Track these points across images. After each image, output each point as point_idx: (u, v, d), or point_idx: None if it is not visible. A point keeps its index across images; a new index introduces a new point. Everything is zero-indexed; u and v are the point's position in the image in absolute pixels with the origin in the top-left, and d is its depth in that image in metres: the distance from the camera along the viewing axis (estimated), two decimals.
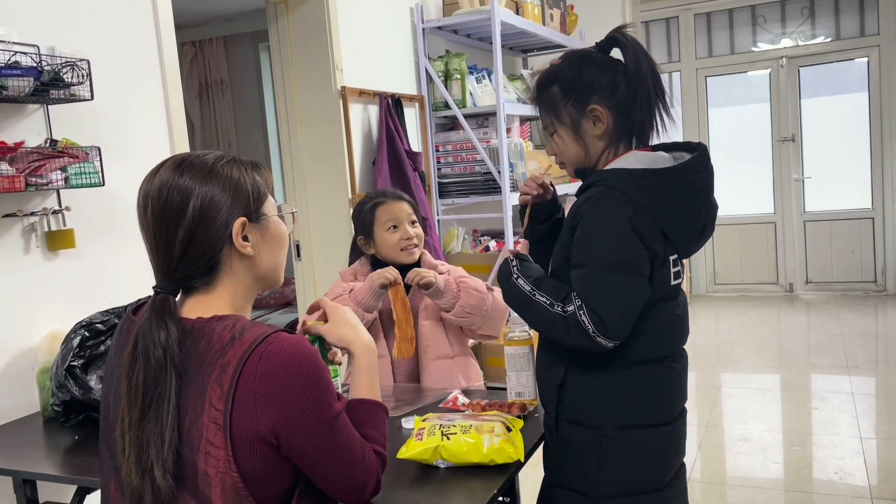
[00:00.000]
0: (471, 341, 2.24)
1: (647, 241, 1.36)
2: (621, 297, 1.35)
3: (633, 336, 1.38)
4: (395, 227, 2.07)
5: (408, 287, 2.06)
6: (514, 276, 1.46)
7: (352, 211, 2.19)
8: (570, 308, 1.36)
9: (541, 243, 1.67)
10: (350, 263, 2.21)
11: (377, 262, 2.12)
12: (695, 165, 1.41)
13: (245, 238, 1.13)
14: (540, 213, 1.66)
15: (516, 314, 1.78)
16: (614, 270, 1.34)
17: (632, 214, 1.35)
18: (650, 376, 1.43)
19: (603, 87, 1.43)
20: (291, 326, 1.35)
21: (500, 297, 2.11)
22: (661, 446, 1.46)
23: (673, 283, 1.43)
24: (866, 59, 6.02)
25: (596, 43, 1.47)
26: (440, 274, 2.07)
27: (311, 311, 1.42)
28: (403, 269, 2.09)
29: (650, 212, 1.36)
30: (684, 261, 1.51)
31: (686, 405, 1.54)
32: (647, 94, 1.41)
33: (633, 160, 1.41)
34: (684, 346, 1.53)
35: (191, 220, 1.08)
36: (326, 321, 1.37)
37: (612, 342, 1.35)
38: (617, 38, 1.43)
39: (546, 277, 1.47)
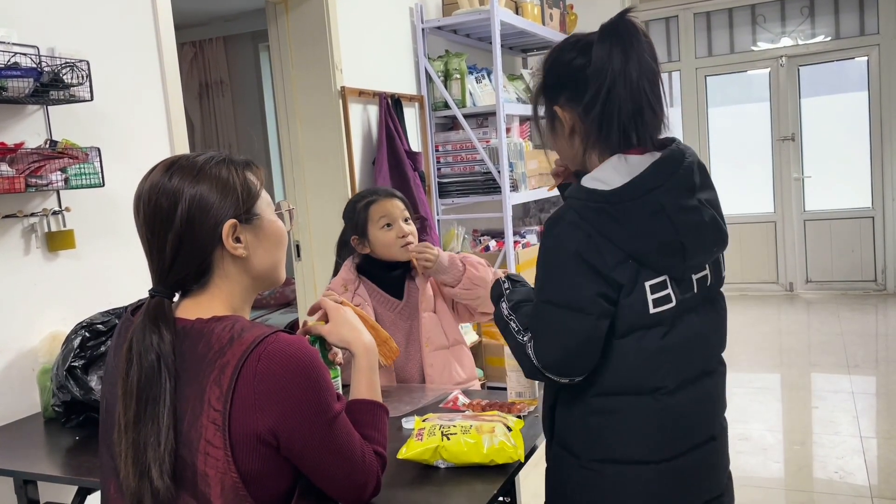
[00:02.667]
0: (468, 341, 2.25)
1: (602, 271, 1.22)
2: (561, 333, 1.24)
3: (603, 367, 1.27)
4: (389, 224, 2.07)
5: (398, 285, 2.08)
6: (502, 298, 1.41)
7: (343, 210, 2.18)
8: (525, 338, 1.31)
9: None
10: (336, 264, 2.21)
11: (371, 261, 2.11)
12: (646, 181, 1.23)
13: (237, 239, 1.12)
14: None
15: None
16: (556, 305, 1.25)
17: (582, 242, 1.22)
18: (634, 409, 1.28)
19: (571, 85, 1.29)
20: (291, 327, 1.35)
21: (499, 273, 2.14)
22: (655, 485, 1.29)
23: (654, 310, 1.25)
24: (866, 58, 6.01)
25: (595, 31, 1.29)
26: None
27: (313, 311, 1.42)
28: (398, 266, 2.10)
29: (606, 235, 1.22)
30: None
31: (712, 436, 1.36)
32: (620, 97, 1.23)
33: (609, 169, 1.25)
34: (709, 372, 1.35)
35: (179, 224, 1.08)
36: (327, 322, 1.37)
37: (563, 377, 1.27)
38: (600, 29, 1.26)
39: (526, 302, 1.37)
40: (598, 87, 1.24)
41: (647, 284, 1.25)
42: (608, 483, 1.30)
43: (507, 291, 1.41)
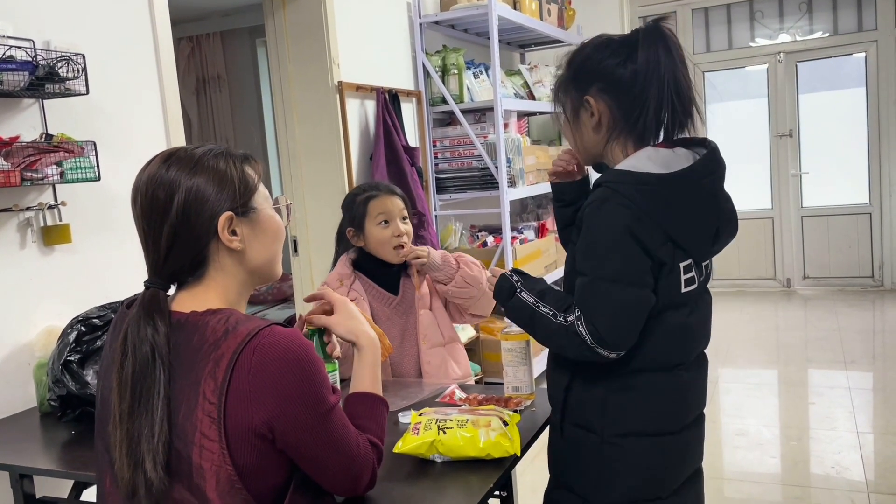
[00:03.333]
0: (465, 337, 2.26)
1: (650, 249, 1.29)
2: (618, 307, 1.29)
3: (636, 344, 1.34)
4: (386, 221, 2.06)
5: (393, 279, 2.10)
6: (518, 290, 1.42)
7: (343, 200, 2.18)
8: (571, 318, 1.32)
9: (567, 229, 1.62)
10: (336, 253, 2.21)
11: (367, 256, 2.11)
12: (701, 169, 1.33)
13: (233, 232, 1.12)
14: (567, 194, 1.60)
15: None
16: (612, 280, 1.29)
17: (632, 221, 1.28)
18: (656, 385, 1.38)
19: (604, 79, 1.35)
20: (289, 322, 1.35)
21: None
22: (667, 455, 1.40)
23: (684, 290, 1.36)
24: (864, 54, 6.01)
25: (631, 31, 1.39)
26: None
27: (311, 299, 1.42)
28: (393, 265, 2.10)
29: (654, 217, 1.29)
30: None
31: (704, 411, 1.49)
32: (658, 96, 1.32)
33: (644, 159, 1.33)
34: (705, 352, 1.48)
35: (175, 216, 1.08)
36: (324, 314, 1.37)
37: (614, 353, 1.30)
38: (638, 32, 1.35)
39: (550, 289, 1.43)
40: (643, 83, 1.32)
41: (682, 265, 1.35)
42: (629, 456, 1.38)
43: (520, 283, 1.44)
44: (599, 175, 1.40)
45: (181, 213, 1.08)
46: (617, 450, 1.38)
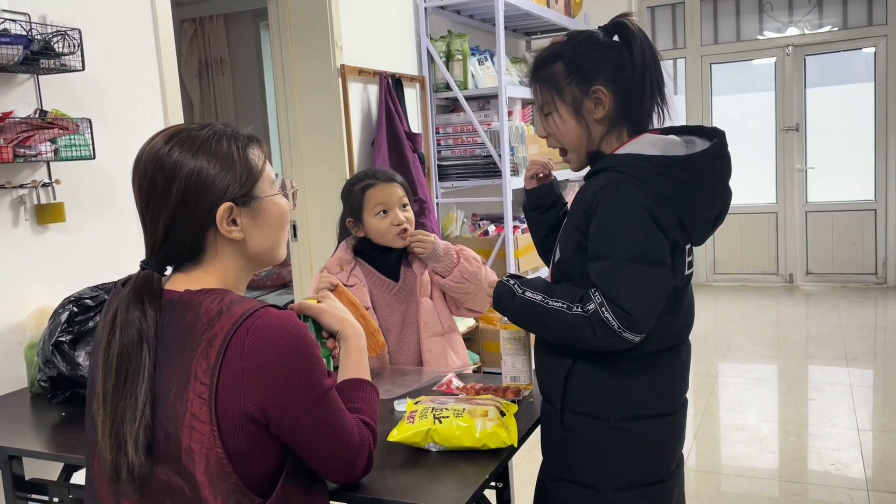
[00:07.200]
0: (464, 326, 2.22)
1: (666, 231, 1.32)
2: (646, 288, 1.30)
3: None
4: (385, 211, 2.02)
5: (393, 264, 2.07)
6: (520, 291, 1.42)
7: (342, 189, 2.14)
8: (591, 306, 1.31)
9: (550, 236, 1.62)
10: (339, 243, 2.18)
11: (368, 243, 2.07)
12: (715, 153, 1.37)
13: (233, 222, 1.09)
14: (544, 197, 1.62)
15: None
16: (637, 261, 1.30)
17: (650, 203, 1.31)
18: (660, 366, 1.41)
19: (609, 70, 1.39)
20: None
21: (492, 273, 2.11)
22: (667, 436, 1.44)
23: (687, 272, 1.41)
24: (873, 48, 5.95)
25: (600, 27, 1.44)
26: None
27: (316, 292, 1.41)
28: (393, 252, 2.07)
29: (668, 200, 1.32)
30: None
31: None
32: (650, 84, 1.38)
33: (647, 144, 1.37)
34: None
35: (174, 204, 1.05)
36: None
37: (638, 336, 1.31)
38: (625, 24, 1.40)
39: (553, 286, 1.43)
40: (641, 71, 1.37)
41: (687, 247, 1.40)
42: (636, 439, 1.40)
43: (517, 285, 1.44)
44: (601, 161, 1.42)
45: (180, 203, 1.05)
46: (623, 434, 1.39)
